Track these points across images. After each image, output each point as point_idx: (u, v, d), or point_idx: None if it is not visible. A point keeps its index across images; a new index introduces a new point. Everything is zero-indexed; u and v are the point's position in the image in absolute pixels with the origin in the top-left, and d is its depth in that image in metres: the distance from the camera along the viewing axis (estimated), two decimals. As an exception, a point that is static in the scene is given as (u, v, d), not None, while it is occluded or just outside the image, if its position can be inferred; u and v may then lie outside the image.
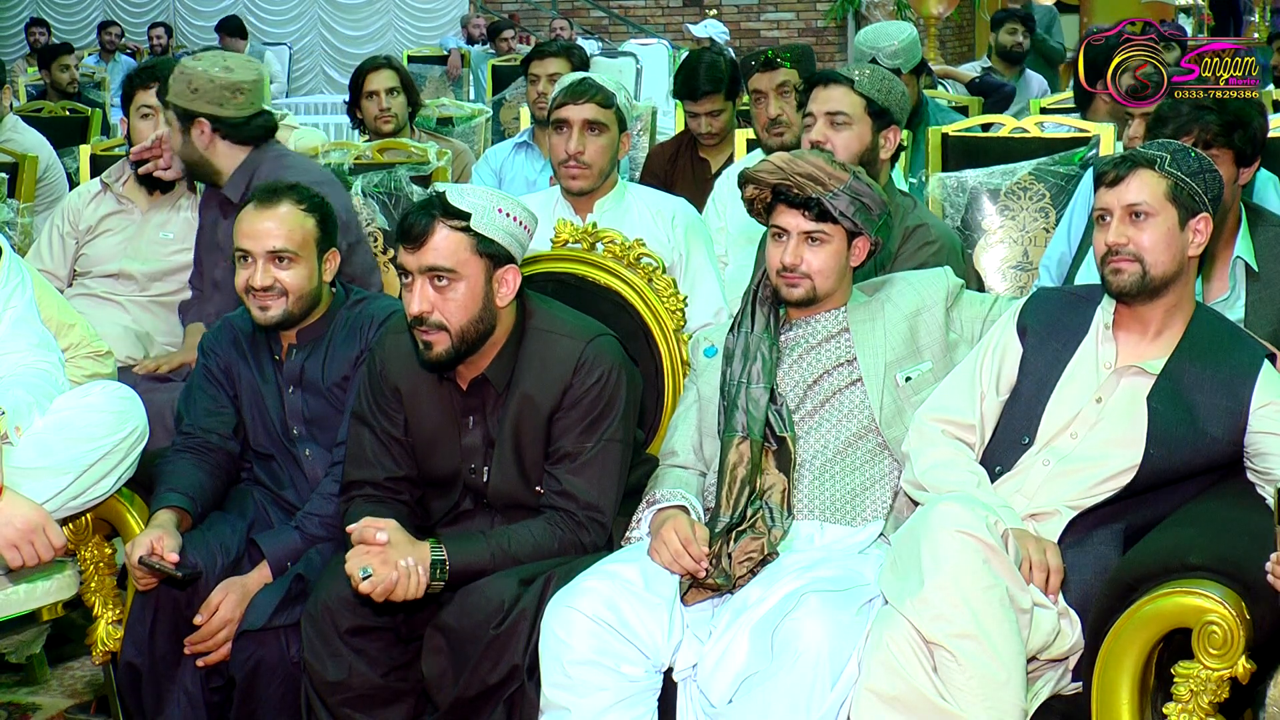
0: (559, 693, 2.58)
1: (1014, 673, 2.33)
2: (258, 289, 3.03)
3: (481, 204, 2.78)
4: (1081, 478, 2.60)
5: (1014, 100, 7.09)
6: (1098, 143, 4.24)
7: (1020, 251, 4.11)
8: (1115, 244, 2.63)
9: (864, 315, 2.89)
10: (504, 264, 2.80)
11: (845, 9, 13.17)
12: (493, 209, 2.79)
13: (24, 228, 4.58)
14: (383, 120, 5.26)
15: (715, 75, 4.82)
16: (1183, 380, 2.62)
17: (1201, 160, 2.66)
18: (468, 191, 2.81)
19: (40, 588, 3.10)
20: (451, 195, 2.77)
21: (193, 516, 3.03)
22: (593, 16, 14.93)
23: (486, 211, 2.78)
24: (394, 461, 2.92)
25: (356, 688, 2.77)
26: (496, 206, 2.80)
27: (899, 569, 2.42)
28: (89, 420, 2.97)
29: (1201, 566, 2.34)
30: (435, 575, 2.72)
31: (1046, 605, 2.44)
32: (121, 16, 15.87)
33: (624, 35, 13.50)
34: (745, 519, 2.68)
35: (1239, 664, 2.29)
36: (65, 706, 3.80)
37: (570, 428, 2.83)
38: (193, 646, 2.94)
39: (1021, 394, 2.74)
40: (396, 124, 5.25)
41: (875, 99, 3.38)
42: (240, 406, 3.17)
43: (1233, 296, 3.16)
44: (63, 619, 3.29)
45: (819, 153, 2.95)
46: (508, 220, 2.81)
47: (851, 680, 2.39)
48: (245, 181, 3.73)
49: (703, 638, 2.58)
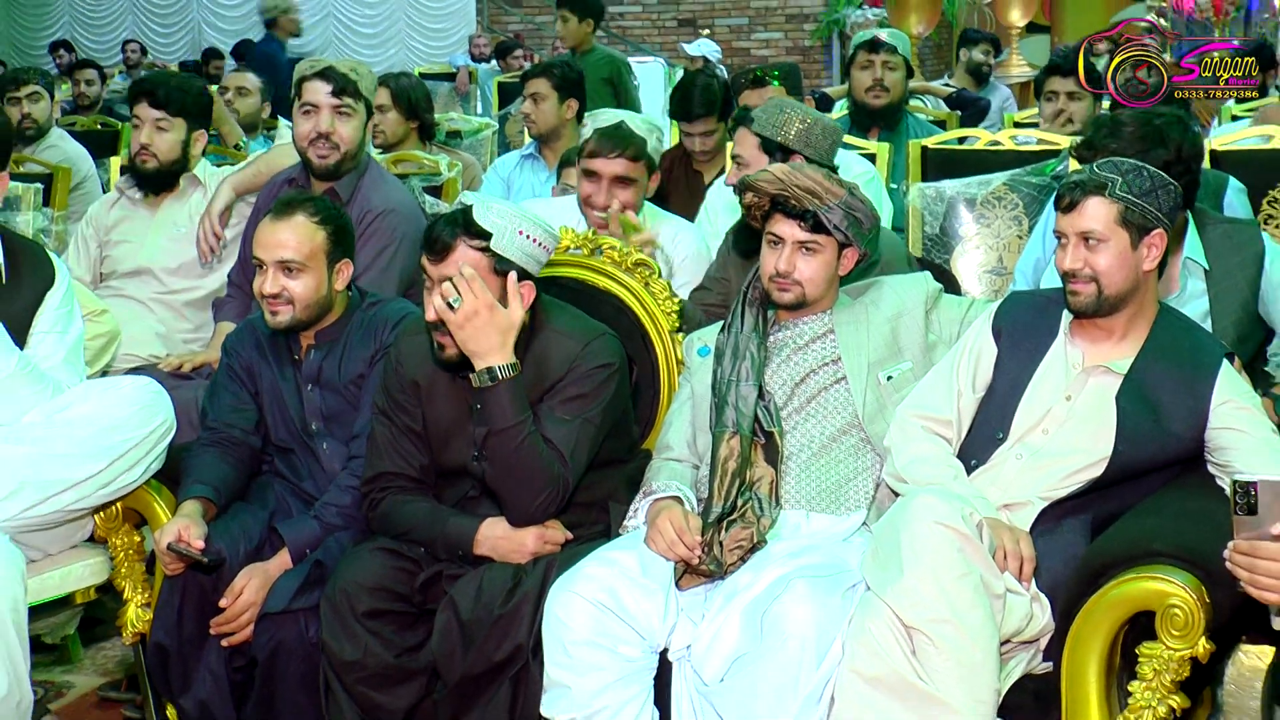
0: (561, 671, 2.59)
1: (988, 654, 2.33)
2: (267, 296, 3.03)
3: (504, 225, 2.76)
4: (1052, 471, 2.60)
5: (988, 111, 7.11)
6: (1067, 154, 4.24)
7: (995, 257, 4.11)
8: (1071, 269, 2.63)
9: (848, 318, 2.89)
10: (521, 279, 2.80)
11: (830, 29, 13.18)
12: (514, 231, 2.77)
13: (58, 235, 4.57)
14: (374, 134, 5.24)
15: (709, 99, 4.83)
16: (1148, 380, 2.62)
17: (1155, 178, 2.64)
18: (493, 210, 2.78)
19: (74, 573, 3.10)
20: (477, 212, 2.76)
21: (217, 506, 3.03)
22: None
23: (508, 233, 2.76)
24: (417, 452, 2.93)
25: (371, 667, 2.77)
26: (518, 229, 2.78)
27: (880, 558, 2.42)
28: (119, 412, 2.97)
29: (1164, 553, 2.34)
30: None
31: (1019, 591, 2.45)
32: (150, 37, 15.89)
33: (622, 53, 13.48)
34: (736, 509, 2.68)
35: (1199, 644, 2.29)
36: (97, 684, 3.81)
37: (554, 405, 2.83)
38: (217, 628, 2.94)
39: (996, 392, 2.74)
40: (387, 139, 5.14)
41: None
42: (261, 403, 3.17)
43: (1185, 295, 3.17)
44: (95, 602, 3.29)
45: (817, 167, 2.96)
46: (527, 242, 2.79)
47: (835, 661, 2.39)
48: (347, 195, 3.79)
49: (696, 620, 2.58)
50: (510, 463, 2.77)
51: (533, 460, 2.77)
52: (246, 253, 3.81)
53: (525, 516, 2.81)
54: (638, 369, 3.20)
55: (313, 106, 3.80)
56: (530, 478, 2.78)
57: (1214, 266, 3.17)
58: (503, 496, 2.83)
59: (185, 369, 3.82)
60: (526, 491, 2.78)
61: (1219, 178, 3.71)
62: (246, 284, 3.74)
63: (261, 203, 3.96)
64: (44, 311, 3.04)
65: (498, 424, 2.75)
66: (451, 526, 2.86)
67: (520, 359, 2.80)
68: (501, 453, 2.77)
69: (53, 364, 3.02)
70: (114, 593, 3.17)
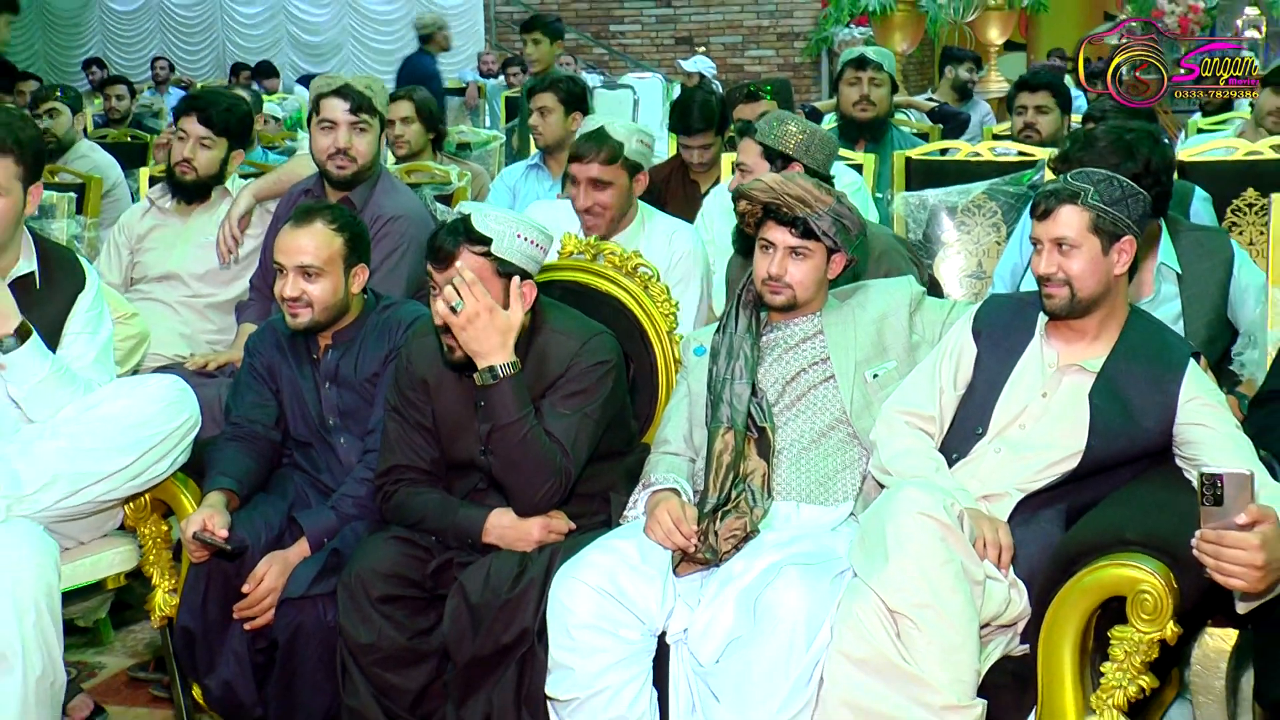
0: (565, 653, 2.58)
1: (969, 637, 2.33)
2: (287, 299, 3.03)
3: (503, 230, 2.76)
4: (1029, 464, 2.60)
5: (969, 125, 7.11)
6: (1043, 165, 4.24)
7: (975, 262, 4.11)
8: (1046, 274, 2.63)
9: (837, 319, 2.88)
10: (522, 280, 2.80)
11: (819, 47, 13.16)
12: (513, 235, 2.77)
13: (90, 241, 4.57)
14: (397, 145, 5.23)
15: (708, 114, 4.84)
16: (1119, 378, 2.62)
17: (1124, 187, 2.64)
18: (491, 216, 2.78)
19: (105, 560, 3.10)
20: (476, 219, 2.76)
21: (240, 497, 3.03)
22: (595, 53, 14.92)
23: (507, 237, 2.76)
24: (428, 446, 2.92)
25: (385, 649, 2.77)
26: (516, 232, 2.78)
27: (867, 546, 2.42)
28: (147, 409, 2.97)
29: (1135, 542, 2.33)
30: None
31: (998, 577, 2.44)
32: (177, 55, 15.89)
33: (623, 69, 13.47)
34: (730, 500, 2.67)
35: (1168, 628, 2.29)
36: (127, 665, 3.81)
37: (555, 400, 2.83)
38: (240, 612, 2.94)
39: (976, 389, 2.73)
40: (410, 149, 5.18)
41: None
42: (282, 400, 3.16)
43: (1158, 299, 3.17)
44: (125, 588, 3.29)
45: (808, 177, 2.96)
46: (526, 244, 2.79)
47: (824, 644, 2.38)
48: (361, 203, 3.81)
49: (692, 605, 2.58)
50: (514, 456, 2.77)
51: (536, 453, 2.76)
52: (267, 258, 3.83)
53: (530, 506, 2.80)
54: (636, 367, 3.19)
55: (331, 123, 3.82)
56: (534, 470, 2.77)
57: (1186, 272, 3.17)
58: (508, 488, 2.82)
59: (210, 368, 3.82)
60: (531, 483, 2.78)
61: (1185, 188, 3.71)
62: (267, 288, 3.74)
63: (280, 212, 3.97)
64: (75, 314, 3.04)
65: (501, 420, 2.75)
66: (461, 516, 2.85)
67: (521, 358, 2.80)
68: (505, 447, 2.76)
69: (84, 364, 3.02)
70: (143, 579, 3.17)
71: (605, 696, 2.56)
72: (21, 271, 2.99)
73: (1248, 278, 3.26)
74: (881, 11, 9.09)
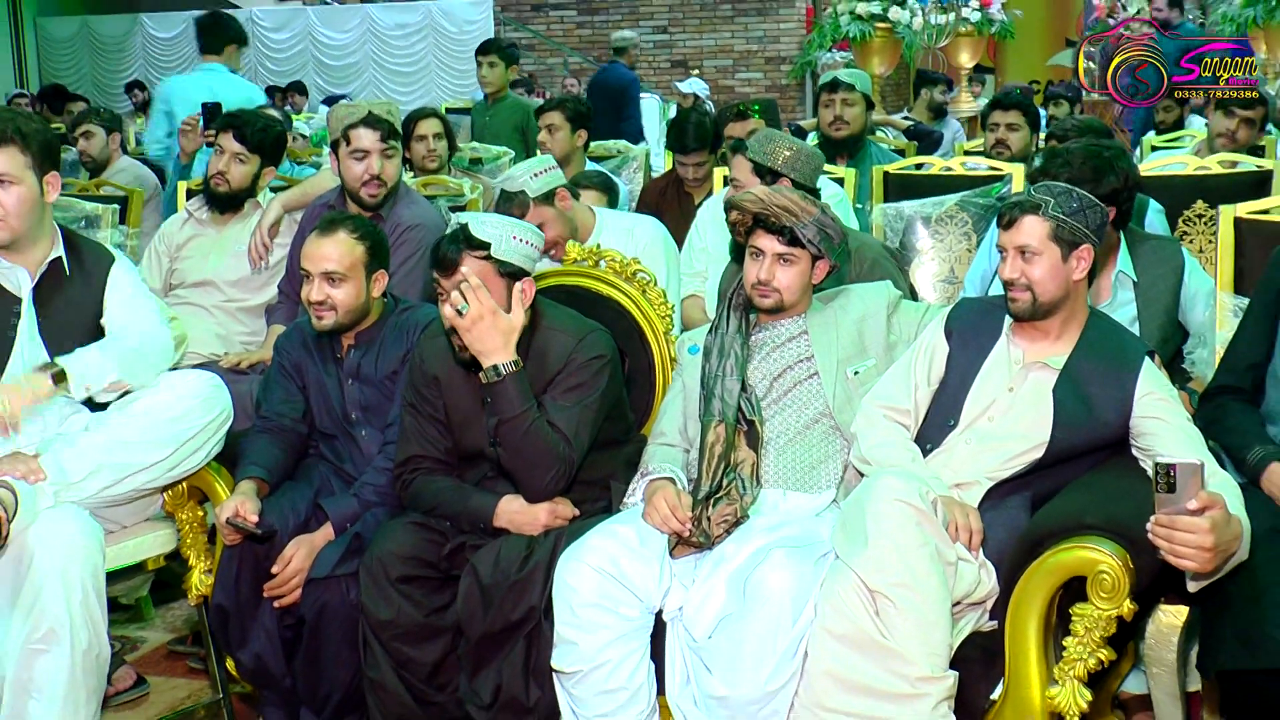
0: (569, 629, 2.58)
1: (942, 615, 2.32)
2: (313, 302, 3.02)
3: (499, 234, 2.76)
4: (997, 454, 2.59)
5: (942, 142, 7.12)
6: (1010, 180, 4.24)
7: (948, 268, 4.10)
8: (1010, 279, 2.63)
9: (820, 321, 2.88)
10: (521, 278, 2.79)
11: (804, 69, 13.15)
12: (509, 237, 2.77)
13: (132, 249, 4.56)
14: (429, 159, 5.23)
15: (702, 134, 4.84)
16: (1080, 374, 2.61)
17: (1083, 199, 2.64)
18: (487, 222, 2.78)
19: (145, 543, 3.10)
20: (473, 226, 2.76)
21: (270, 485, 3.03)
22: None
23: (504, 240, 2.76)
24: (441, 438, 2.92)
25: (404, 625, 2.77)
26: (512, 235, 2.78)
27: (848, 530, 2.41)
28: (184, 404, 2.97)
29: (1095, 526, 2.33)
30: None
31: (969, 559, 2.44)
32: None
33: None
34: (721, 488, 2.67)
35: (1125, 605, 2.29)
36: (167, 640, 3.82)
37: (556, 394, 2.83)
38: (270, 591, 2.93)
39: (948, 385, 2.73)
40: (440, 163, 5.22)
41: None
42: (308, 396, 3.16)
43: (1115, 303, 3.16)
44: (164, 568, 3.29)
45: (794, 189, 2.96)
46: (521, 244, 2.80)
47: (809, 620, 2.38)
48: (385, 213, 3.81)
49: (687, 585, 2.57)
50: (520, 447, 2.76)
51: (540, 443, 2.76)
52: (294, 265, 3.82)
53: (537, 493, 2.80)
54: (635, 365, 3.19)
55: (364, 152, 3.82)
56: (539, 459, 2.77)
57: (1141, 278, 3.17)
58: (516, 476, 2.81)
59: (242, 366, 3.82)
60: (536, 471, 2.77)
61: (1141, 200, 3.70)
62: (294, 292, 3.74)
63: (305, 223, 3.97)
64: (113, 285, 3.00)
65: (506, 414, 2.74)
66: (474, 502, 2.85)
67: (522, 355, 2.79)
68: (511, 438, 2.76)
69: (148, 324, 3.00)
70: (180, 560, 3.17)
71: (607, 669, 2.55)
72: (53, 256, 2.96)
73: (1197, 283, 3.26)
74: (861, 37, 9.08)
